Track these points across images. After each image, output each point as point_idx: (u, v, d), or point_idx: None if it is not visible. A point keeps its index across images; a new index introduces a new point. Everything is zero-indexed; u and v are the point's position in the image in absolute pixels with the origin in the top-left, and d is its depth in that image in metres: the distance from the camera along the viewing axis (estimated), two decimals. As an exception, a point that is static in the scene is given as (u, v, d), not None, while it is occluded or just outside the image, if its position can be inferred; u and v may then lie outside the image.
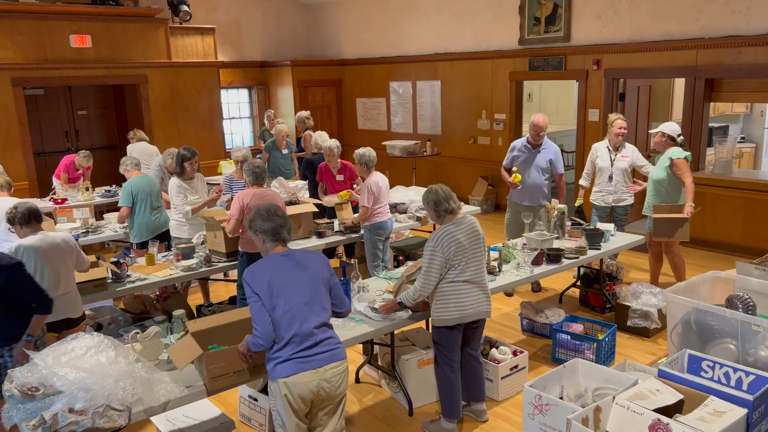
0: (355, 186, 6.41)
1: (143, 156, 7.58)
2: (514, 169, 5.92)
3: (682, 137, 5.70)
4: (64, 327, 3.92)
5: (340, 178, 6.38)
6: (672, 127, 5.68)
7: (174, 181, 5.59)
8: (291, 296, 3.00)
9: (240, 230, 4.80)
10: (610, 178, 6.07)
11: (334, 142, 6.35)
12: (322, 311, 3.08)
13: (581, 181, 6.36)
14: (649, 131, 6.89)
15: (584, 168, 6.42)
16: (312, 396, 2.99)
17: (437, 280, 3.68)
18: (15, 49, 8.53)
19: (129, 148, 8.17)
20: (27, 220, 3.85)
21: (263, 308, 2.96)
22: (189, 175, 5.57)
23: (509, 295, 6.19)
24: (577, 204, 6.27)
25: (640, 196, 5.93)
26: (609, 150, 6.10)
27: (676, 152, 5.55)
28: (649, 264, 6.13)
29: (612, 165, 6.06)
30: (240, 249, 4.94)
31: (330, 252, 6.76)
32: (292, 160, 8.21)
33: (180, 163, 5.54)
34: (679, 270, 5.84)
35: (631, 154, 6.09)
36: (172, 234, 5.76)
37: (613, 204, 6.13)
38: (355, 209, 6.19)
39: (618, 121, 6.02)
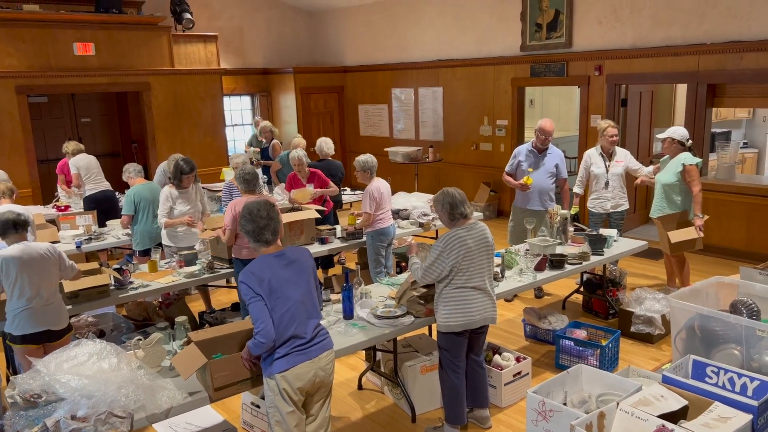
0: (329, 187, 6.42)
1: (91, 168, 7.25)
2: (530, 170, 5.89)
3: (691, 141, 5.74)
4: (45, 339, 3.81)
5: (310, 187, 6.37)
6: (681, 132, 5.70)
7: (165, 190, 5.52)
8: (288, 296, 3.05)
9: (235, 239, 4.79)
10: (607, 184, 6.07)
11: (302, 152, 6.30)
12: (314, 308, 3.18)
13: (575, 189, 6.30)
14: (656, 136, 6.87)
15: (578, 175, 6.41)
16: (309, 386, 3.07)
17: (437, 278, 3.71)
18: (19, 57, 8.57)
19: (72, 162, 7.31)
20: (2, 231, 3.75)
21: (265, 308, 2.99)
22: (185, 185, 5.55)
23: (509, 300, 6.18)
24: (573, 212, 6.23)
25: (640, 203, 5.90)
26: (603, 156, 6.11)
27: (689, 158, 5.57)
28: (665, 266, 6.11)
29: (607, 171, 6.07)
30: (233, 255, 4.92)
31: (328, 260, 6.76)
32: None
33: (178, 176, 5.46)
34: (684, 275, 5.83)
35: (624, 158, 6.11)
36: (162, 242, 5.67)
37: (610, 210, 6.12)
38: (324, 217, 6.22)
39: (609, 129, 6.03)
